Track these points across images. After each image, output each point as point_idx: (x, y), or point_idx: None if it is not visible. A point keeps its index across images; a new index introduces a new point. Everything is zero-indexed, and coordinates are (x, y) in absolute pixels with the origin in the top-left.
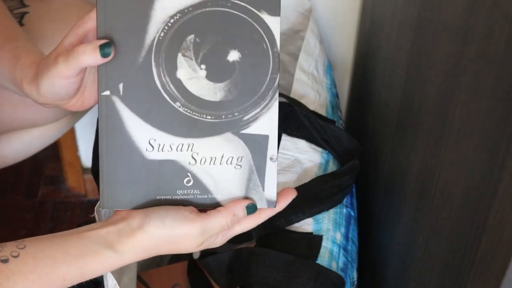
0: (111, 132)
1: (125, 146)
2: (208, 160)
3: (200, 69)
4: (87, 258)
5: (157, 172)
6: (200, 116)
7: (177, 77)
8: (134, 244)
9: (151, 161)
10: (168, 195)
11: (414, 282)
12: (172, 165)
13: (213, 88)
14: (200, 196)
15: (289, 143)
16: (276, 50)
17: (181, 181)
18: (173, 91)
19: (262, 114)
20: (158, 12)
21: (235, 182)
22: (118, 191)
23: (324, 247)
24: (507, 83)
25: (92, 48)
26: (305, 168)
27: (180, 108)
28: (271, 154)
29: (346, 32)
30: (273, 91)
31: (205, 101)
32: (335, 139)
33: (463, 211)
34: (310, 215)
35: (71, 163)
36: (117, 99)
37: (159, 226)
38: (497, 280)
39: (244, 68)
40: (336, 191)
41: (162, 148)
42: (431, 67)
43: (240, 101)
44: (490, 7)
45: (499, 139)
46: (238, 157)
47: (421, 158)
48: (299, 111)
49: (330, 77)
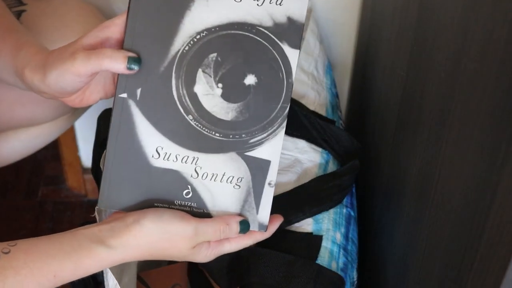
0: (122, 133)
1: (133, 149)
2: (210, 175)
3: (217, 87)
4: (80, 254)
5: (159, 180)
6: (209, 132)
7: (194, 91)
8: (128, 239)
9: (155, 168)
10: (166, 204)
11: (414, 282)
12: (175, 175)
13: (226, 108)
14: (196, 210)
15: (289, 143)
16: (290, 81)
17: (180, 192)
18: (188, 104)
19: (268, 140)
20: (186, 26)
21: (232, 201)
22: (118, 192)
23: (324, 247)
24: (507, 83)
25: (122, 57)
26: (305, 168)
27: (191, 121)
28: (270, 179)
29: (346, 32)
30: (282, 119)
31: (216, 118)
32: (335, 139)
33: (463, 211)
34: (310, 215)
35: (71, 163)
36: (133, 103)
37: (155, 220)
38: (497, 280)
39: (259, 93)
40: (336, 191)
41: (168, 157)
42: (431, 67)
43: (249, 124)
44: (490, 7)
45: (499, 139)
46: (238, 177)
47: (421, 158)
48: (299, 111)
49: (330, 77)
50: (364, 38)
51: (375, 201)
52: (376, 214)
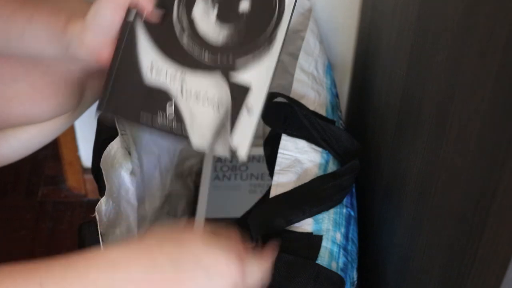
0: (125, 46)
1: (131, 62)
2: (194, 95)
3: (213, 8)
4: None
5: (149, 92)
6: (199, 55)
7: (192, 13)
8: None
9: (148, 82)
10: (150, 113)
11: (414, 282)
12: (163, 89)
13: (219, 30)
14: (175, 131)
15: (289, 143)
16: (282, 9)
17: (164, 105)
18: (184, 24)
19: (253, 63)
20: None
21: (209, 124)
22: (116, 100)
23: (324, 247)
24: (507, 83)
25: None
26: (305, 168)
27: (185, 39)
28: (250, 106)
29: (346, 32)
30: (268, 44)
31: (208, 42)
32: (335, 139)
33: (463, 211)
34: (310, 215)
35: (71, 163)
36: (140, 22)
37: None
38: (497, 280)
39: (251, 18)
40: (336, 191)
41: (159, 71)
42: (431, 67)
43: (237, 47)
44: (490, 7)
45: (499, 139)
46: (219, 98)
47: (421, 158)
48: (299, 111)
49: (330, 77)
50: (364, 38)
51: (375, 201)
52: (376, 214)
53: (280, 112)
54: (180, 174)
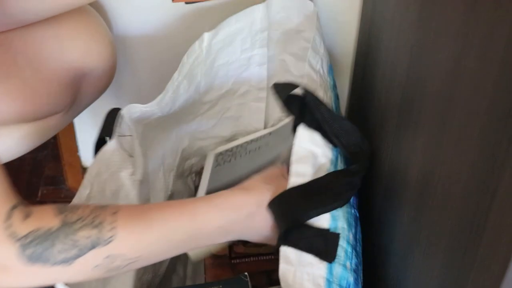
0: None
1: None
2: None
3: None
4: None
5: None
6: None
7: None
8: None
9: None
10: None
11: (414, 282)
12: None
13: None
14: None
15: (306, 135)
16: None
17: None
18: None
19: None
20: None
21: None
22: None
23: (341, 246)
24: (507, 83)
25: None
26: (319, 162)
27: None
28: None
29: (346, 32)
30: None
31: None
32: (346, 135)
33: (463, 211)
34: (324, 210)
35: (71, 163)
36: None
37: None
38: (497, 280)
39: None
40: (349, 188)
41: None
42: (431, 67)
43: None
44: (490, 7)
45: (499, 139)
46: None
47: (421, 158)
48: (314, 104)
49: (332, 78)
50: (364, 38)
51: (375, 201)
52: (376, 214)
53: (297, 103)
54: (181, 174)
